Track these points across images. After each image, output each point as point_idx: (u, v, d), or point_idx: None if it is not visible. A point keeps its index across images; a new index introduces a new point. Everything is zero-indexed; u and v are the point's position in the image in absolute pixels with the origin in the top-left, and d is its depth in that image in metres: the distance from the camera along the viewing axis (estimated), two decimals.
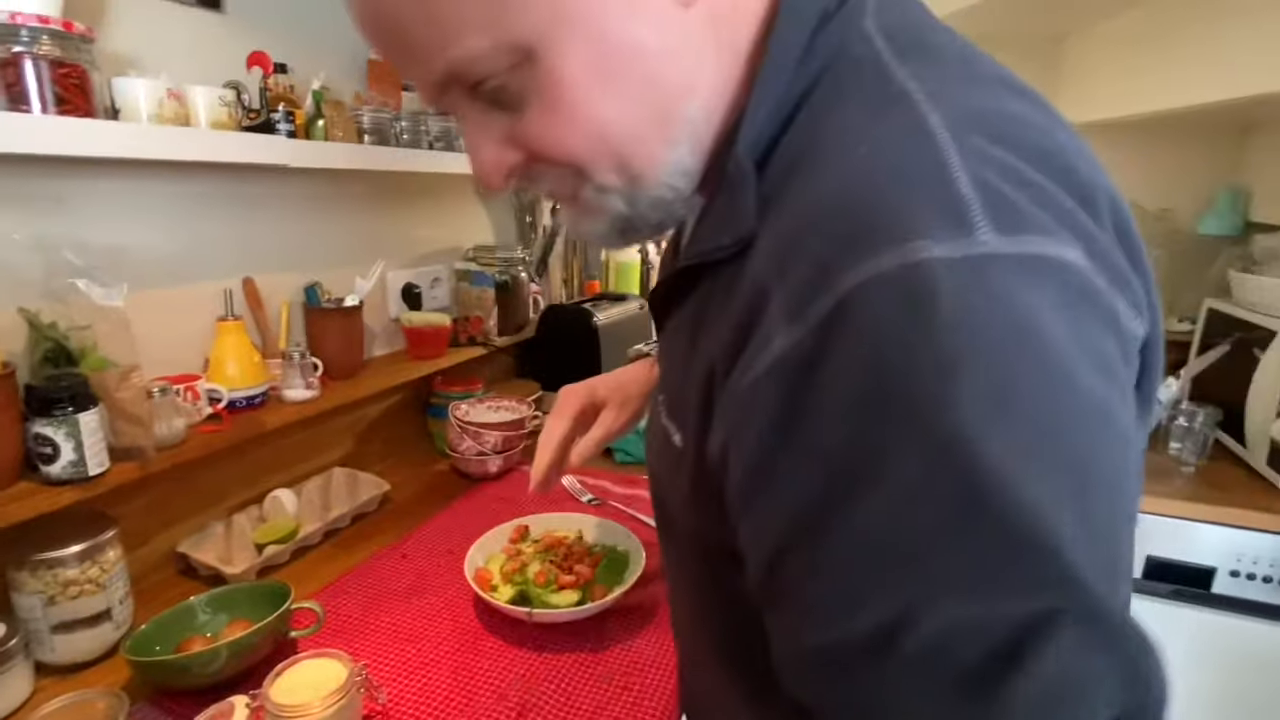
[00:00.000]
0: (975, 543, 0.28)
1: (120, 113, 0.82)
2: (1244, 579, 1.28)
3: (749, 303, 0.33)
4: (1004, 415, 0.27)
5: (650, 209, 0.40)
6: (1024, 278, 0.28)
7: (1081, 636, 0.29)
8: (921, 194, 0.29)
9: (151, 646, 0.76)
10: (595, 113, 0.36)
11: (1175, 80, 1.42)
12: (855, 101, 0.34)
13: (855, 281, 0.28)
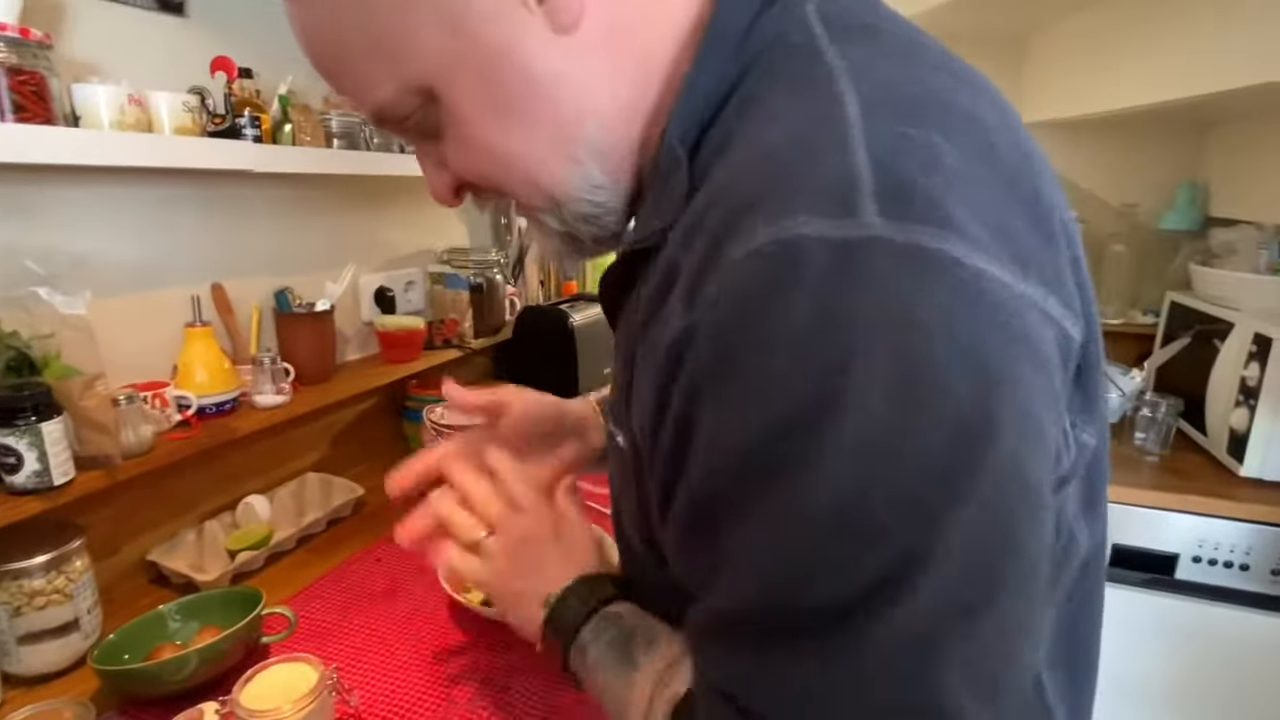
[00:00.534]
0: (796, 528, 0.28)
1: (81, 119, 0.82)
2: (1206, 565, 1.32)
3: (662, 281, 0.34)
4: (843, 406, 0.26)
5: (580, 223, 0.42)
6: (908, 265, 0.26)
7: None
8: (814, 170, 0.28)
9: (120, 655, 0.76)
10: (493, 141, 0.39)
11: (1136, 78, 1.45)
12: (784, 83, 0.34)
13: (728, 260, 0.28)
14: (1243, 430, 1.31)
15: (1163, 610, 1.34)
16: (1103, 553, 0.45)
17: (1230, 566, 1.30)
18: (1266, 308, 1.36)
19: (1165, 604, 1.34)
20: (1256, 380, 1.27)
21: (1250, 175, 1.59)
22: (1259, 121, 1.55)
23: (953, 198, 0.27)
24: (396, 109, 0.39)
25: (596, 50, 0.37)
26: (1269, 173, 1.50)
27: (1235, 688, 1.33)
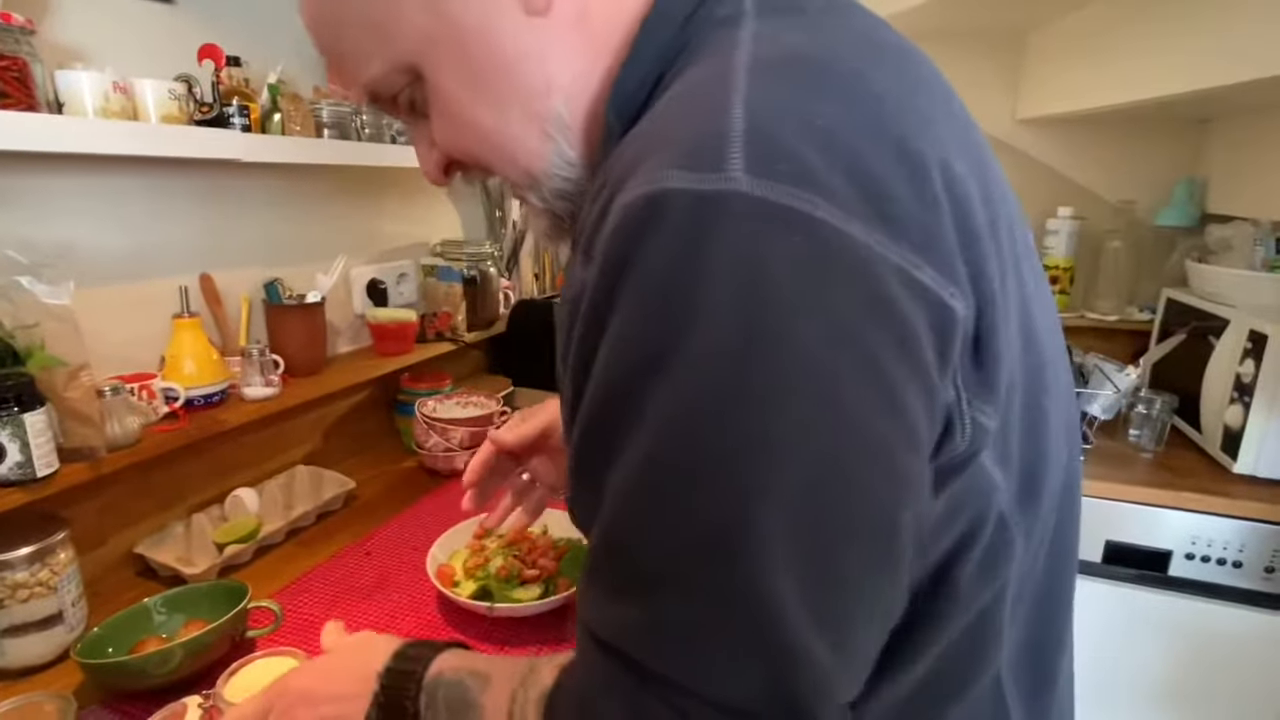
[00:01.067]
0: (642, 474, 0.30)
1: (65, 106, 0.81)
2: (1199, 561, 1.31)
3: (573, 241, 0.38)
4: (681, 357, 0.28)
5: (556, 200, 0.43)
6: (763, 222, 0.27)
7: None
8: (691, 128, 0.30)
9: (104, 648, 0.75)
10: (473, 117, 0.41)
11: (1134, 74, 1.44)
12: (702, 57, 0.35)
13: (611, 213, 0.30)
14: (1237, 427, 1.31)
15: (1156, 607, 1.34)
16: (1066, 554, 0.46)
17: (1224, 563, 1.30)
18: (1262, 304, 1.36)
19: (1158, 601, 1.34)
20: (1251, 377, 1.27)
21: (1248, 171, 1.58)
22: (1258, 117, 1.55)
23: (821, 158, 0.28)
24: (386, 87, 0.41)
25: (566, 33, 0.39)
26: (1267, 169, 1.50)
27: (1228, 684, 1.33)
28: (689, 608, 0.30)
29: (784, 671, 0.30)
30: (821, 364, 0.28)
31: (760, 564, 0.29)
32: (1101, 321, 1.78)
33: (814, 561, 0.30)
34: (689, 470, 0.29)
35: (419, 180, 1.52)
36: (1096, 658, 1.40)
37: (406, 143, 1.33)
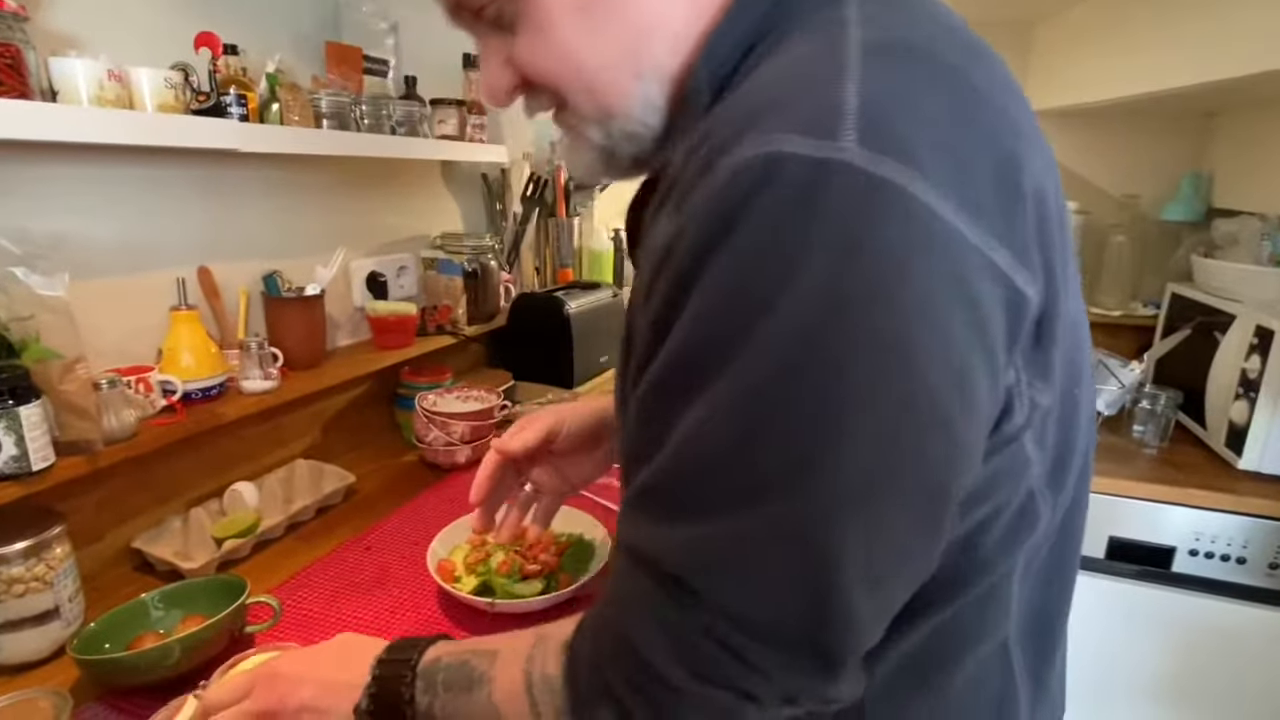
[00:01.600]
0: (728, 411, 0.32)
1: (59, 95, 0.79)
2: (1202, 558, 1.31)
3: (660, 198, 0.38)
4: (779, 309, 0.30)
5: (624, 141, 0.44)
6: (869, 193, 0.29)
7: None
8: (806, 96, 0.31)
9: (101, 644, 0.74)
10: (569, 40, 0.40)
11: (1141, 67, 1.43)
12: (802, 30, 0.36)
13: (717, 169, 0.31)
14: (1242, 423, 1.30)
15: (1159, 603, 1.34)
16: (1074, 536, 0.49)
17: (1227, 560, 1.30)
18: (1269, 300, 1.35)
19: (1162, 596, 1.33)
20: (1257, 373, 1.26)
21: (1255, 166, 1.57)
22: (1265, 111, 1.53)
23: (924, 140, 0.30)
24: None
25: None
26: (1274, 163, 1.49)
27: (1231, 680, 1.32)
28: (754, 535, 0.32)
29: (824, 612, 0.33)
30: (905, 330, 0.30)
31: (828, 506, 0.31)
32: (1106, 317, 1.77)
33: (872, 515, 0.32)
34: (779, 407, 0.31)
35: (419, 172, 1.51)
36: (1100, 654, 1.39)
37: (406, 133, 1.31)
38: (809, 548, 0.32)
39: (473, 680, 0.44)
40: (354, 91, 1.23)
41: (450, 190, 1.63)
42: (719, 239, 0.31)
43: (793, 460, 0.31)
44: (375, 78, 1.32)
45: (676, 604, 0.34)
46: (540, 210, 1.81)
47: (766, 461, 0.32)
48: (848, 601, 0.32)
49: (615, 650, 0.37)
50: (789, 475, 0.31)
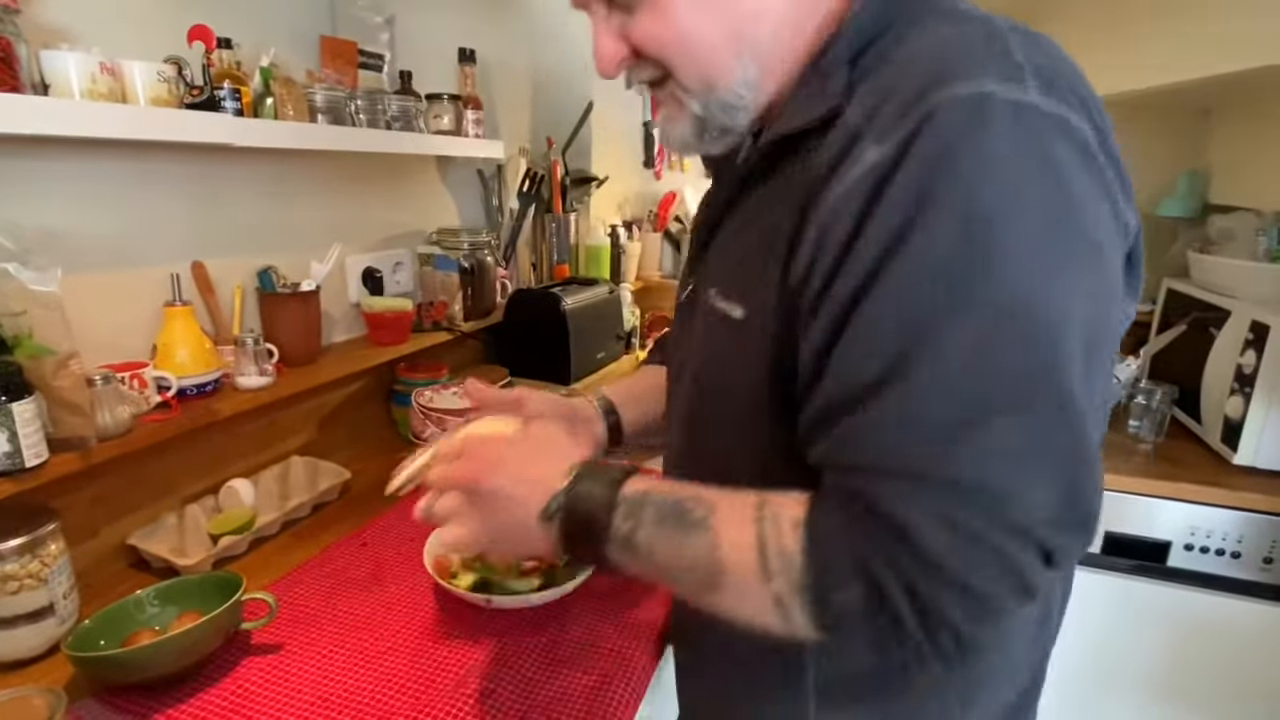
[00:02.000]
0: (987, 322, 0.38)
1: (50, 88, 0.79)
2: (1198, 552, 1.31)
3: (841, 146, 0.43)
4: (1019, 214, 0.38)
5: (720, 111, 0.51)
6: (1055, 128, 0.39)
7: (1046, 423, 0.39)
8: (989, 57, 0.41)
9: (96, 641, 0.74)
10: (684, 21, 0.48)
11: (1138, 63, 1.43)
12: (934, 19, 0.45)
13: (933, 104, 0.39)
14: (1237, 418, 1.30)
15: (1154, 597, 1.34)
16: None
17: (1222, 554, 1.30)
18: (1264, 295, 1.35)
19: (1157, 591, 1.34)
20: (1253, 368, 1.26)
21: (1251, 162, 1.58)
22: (1261, 107, 1.54)
23: (1070, 91, 0.41)
24: None
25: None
26: (1271, 159, 1.49)
27: (1226, 674, 1.33)
28: (1024, 429, 0.38)
29: (1082, 480, 0.40)
30: (1093, 233, 0.40)
31: (1074, 387, 0.39)
32: None
33: (1090, 388, 0.40)
34: (1033, 306, 0.38)
35: (415, 167, 1.50)
36: (1096, 648, 1.40)
37: (402, 128, 1.31)
38: (1069, 425, 0.39)
39: (689, 522, 0.46)
40: (349, 86, 1.23)
41: (446, 186, 1.62)
42: (947, 163, 0.39)
43: (1049, 352, 0.39)
44: (370, 72, 1.32)
45: (950, 493, 0.39)
46: (537, 206, 1.80)
47: (1031, 355, 0.38)
48: (1095, 463, 0.40)
49: (876, 533, 0.40)
50: (1049, 366, 0.39)
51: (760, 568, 0.43)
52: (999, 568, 0.39)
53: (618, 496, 0.49)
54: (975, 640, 0.40)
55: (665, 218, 2.36)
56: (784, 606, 0.43)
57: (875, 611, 0.40)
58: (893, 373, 0.40)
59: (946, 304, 0.39)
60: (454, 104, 1.44)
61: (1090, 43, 1.60)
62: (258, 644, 0.80)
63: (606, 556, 0.49)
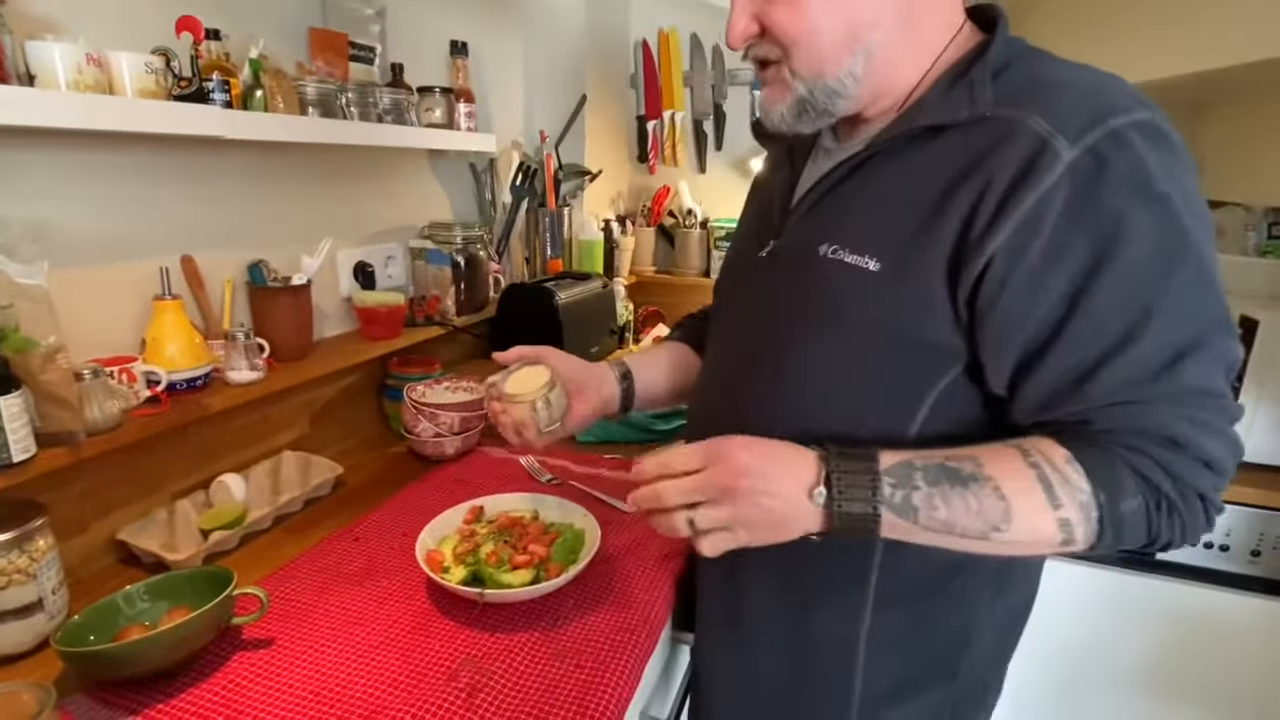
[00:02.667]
0: (1188, 279, 0.52)
1: (36, 79, 0.78)
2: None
3: (1029, 150, 0.53)
4: (1190, 204, 0.52)
5: (823, 95, 0.60)
6: (1174, 143, 0.54)
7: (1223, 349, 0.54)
8: (1127, 92, 0.55)
9: (85, 637, 0.73)
10: (816, 16, 0.57)
11: (1132, 57, 1.43)
12: (1051, 60, 0.60)
13: (1121, 123, 0.52)
14: None
15: (1143, 590, 1.35)
16: None
17: (1210, 547, 1.31)
18: (1254, 290, 1.36)
19: (1146, 584, 1.35)
20: (1242, 362, 1.27)
21: (1241, 157, 1.58)
22: (1252, 103, 1.54)
23: (1164, 116, 0.55)
24: None
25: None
26: (1260, 155, 1.50)
27: (1214, 666, 1.34)
28: (1218, 350, 0.53)
29: (1236, 419, 0.55)
30: (1206, 213, 0.55)
31: (1225, 322, 0.54)
32: None
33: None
34: (1207, 263, 0.53)
35: (406, 161, 1.50)
36: (1085, 640, 1.41)
37: (393, 121, 1.30)
38: (1233, 371, 0.54)
39: (964, 477, 0.55)
40: (340, 79, 1.22)
41: (438, 179, 1.62)
42: (1145, 177, 0.51)
43: (1219, 310, 0.53)
44: (361, 65, 1.31)
45: (1188, 398, 0.52)
46: (530, 200, 1.80)
47: (1206, 308, 0.53)
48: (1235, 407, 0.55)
49: (1144, 446, 0.53)
50: (1223, 320, 0.54)
51: (1048, 501, 0.53)
52: (1223, 440, 0.53)
53: (877, 466, 0.56)
54: (1218, 504, 0.54)
55: (659, 212, 2.36)
56: (1070, 528, 0.53)
57: (1155, 507, 0.52)
58: (1128, 338, 0.52)
59: (1161, 278, 0.51)
60: (446, 97, 1.43)
61: (1078, 38, 1.60)
62: (249, 639, 0.80)
63: (878, 522, 0.55)
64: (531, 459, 1.27)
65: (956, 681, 0.71)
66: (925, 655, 0.70)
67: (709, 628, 0.84)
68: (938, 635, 0.69)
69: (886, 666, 0.70)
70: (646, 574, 0.93)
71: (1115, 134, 0.51)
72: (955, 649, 0.70)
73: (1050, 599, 1.40)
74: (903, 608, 0.68)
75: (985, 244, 0.54)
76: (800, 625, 0.71)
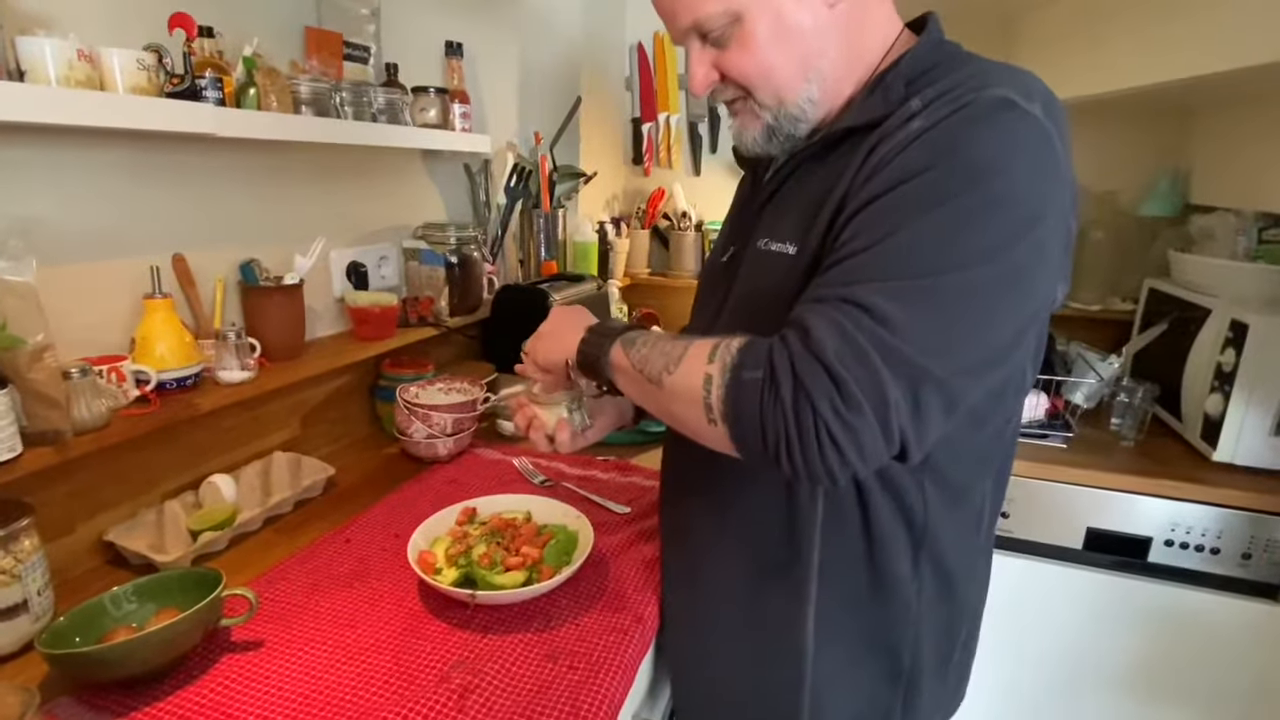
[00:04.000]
0: (948, 224, 0.53)
1: (26, 74, 0.77)
2: (1178, 548, 1.33)
3: (897, 122, 0.58)
4: (1009, 171, 0.54)
5: (787, 120, 0.67)
6: (1043, 134, 0.55)
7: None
8: (1015, 79, 0.58)
9: (71, 638, 0.72)
10: (767, 58, 0.63)
11: (1121, 63, 1.44)
12: (975, 62, 0.63)
13: (973, 97, 0.56)
14: (1217, 415, 1.32)
15: (1136, 593, 1.36)
16: (1013, 441, 0.76)
17: (1201, 550, 1.32)
18: (1244, 294, 1.37)
19: (1138, 587, 1.35)
20: (1232, 366, 1.28)
21: (1231, 162, 1.59)
22: (1241, 108, 1.55)
23: (1057, 115, 0.58)
24: (712, 22, 0.63)
25: (839, 23, 0.64)
26: (1250, 159, 1.51)
27: (1205, 669, 1.35)
28: (940, 289, 0.53)
29: (956, 360, 0.54)
30: (1043, 204, 0.55)
31: (982, 279, 0.53)
32: (1085, 311, 1.79)
33: (1017, 326, 0.57)
34: (979, 244, 0.53)
35: (401, 161, 1.49)
36: (1076, 643, 1.41)
37: (387, 121, 1.29)
38: (974, 304, 0.53)
39: (677, 340, 0.63)
40: (334, 78, 1.21)
41: (432, 180, 1.61)
42: (972, 130, 0.54)
43: (978, 250, 0.52)
44: (356, 64, 1.30)
45: (852, 314, 0.52)
46: (524, 201, 1.79)
47: (963, 246, 0.53)
48: (970, 361, 0.54)
49: (787, 333, 0.55)
50: (976, 255, 0.53)
51: (710, 351, 0.58)
52: (865, 370, 0.50)
53: (632, 324, 0.68)
54: (836, 434, 0.51)
55: (653, 214, 2.36)
56: (709, 384, 0.57)
57: (769, 388, 0.53)
58: (867, 246, 0.54)
59: (924, 211, 0.53)
60: (441, 97, 1.43)
61: (1075, 43, 1.61)
62: (237, 641, 0.79)
63: (609, 346, 0.67)
64: (525, 460, 1.27)
65: (900, 664, 0.73)
66: (865, 635, 0.73)
67: (674, 619, 0.86)
68: (875, 617, 0.72)
69: (832, 646, 0.73)
70: (639, 576, 0.93)
71: (966, 102, 0.55)
72: (893, 631, 0.72)
73: (1041, 601, 1.41)
74: (842, 586, 0.71)
75: (842, 208, 0.60)
76: (756, 608, 0.75)
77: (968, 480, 0.70)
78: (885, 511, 0.68)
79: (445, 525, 0.96)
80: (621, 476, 1.24)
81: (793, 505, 0.70)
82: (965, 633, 0.79)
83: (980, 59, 0.63)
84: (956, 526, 0.71)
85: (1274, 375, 1.25)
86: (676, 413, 0.61)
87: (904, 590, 0.71)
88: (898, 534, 0.69)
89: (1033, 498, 1.40)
